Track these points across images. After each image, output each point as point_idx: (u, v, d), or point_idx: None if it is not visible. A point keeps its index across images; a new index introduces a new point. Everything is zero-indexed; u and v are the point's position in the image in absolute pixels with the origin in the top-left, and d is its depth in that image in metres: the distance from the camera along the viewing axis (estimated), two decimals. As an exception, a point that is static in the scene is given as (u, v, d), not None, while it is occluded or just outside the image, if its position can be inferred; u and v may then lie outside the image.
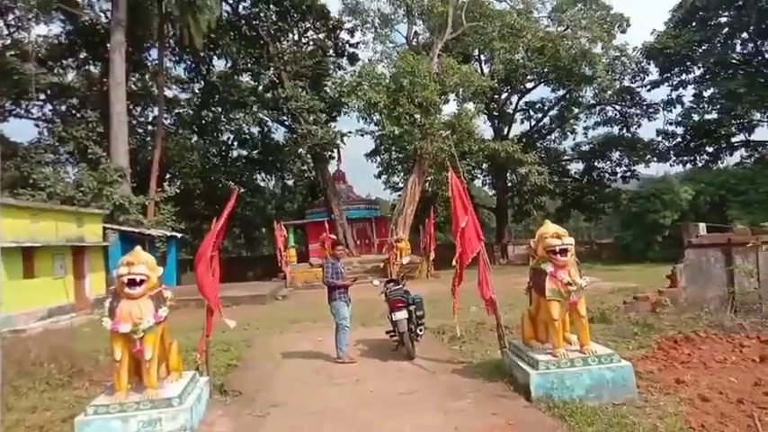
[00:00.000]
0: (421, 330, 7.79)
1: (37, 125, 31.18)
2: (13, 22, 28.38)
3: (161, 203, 25.12)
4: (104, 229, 17.65)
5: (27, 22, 26.79)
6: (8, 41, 28.12)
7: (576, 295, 5.49)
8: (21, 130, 75.23)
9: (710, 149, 35.00)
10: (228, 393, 6.39)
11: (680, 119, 33.60)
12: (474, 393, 5.74)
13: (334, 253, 8.14)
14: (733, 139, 34.51)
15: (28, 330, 11.79)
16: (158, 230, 22.00)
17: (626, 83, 34.56)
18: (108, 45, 25.40)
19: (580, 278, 5.55)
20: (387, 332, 8.08)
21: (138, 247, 5.51)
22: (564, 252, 5.50)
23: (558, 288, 5.44)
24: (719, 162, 34.76)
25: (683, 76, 33.63)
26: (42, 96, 30.37)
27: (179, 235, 23.66)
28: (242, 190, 39.70)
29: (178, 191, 26.87)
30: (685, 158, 35.09)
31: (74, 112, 30.35)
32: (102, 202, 20.40)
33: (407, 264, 9.76)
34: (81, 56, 31.51)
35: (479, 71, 32.08)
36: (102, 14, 28.44)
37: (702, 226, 26.26)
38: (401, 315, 7.41)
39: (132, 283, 5.04)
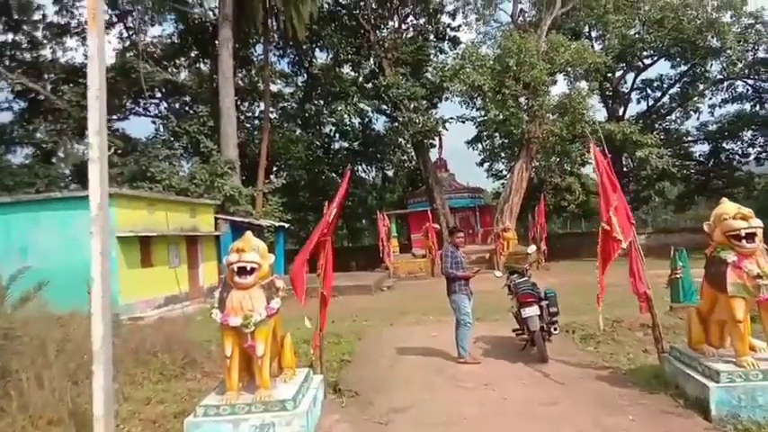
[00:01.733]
0: (555, 329, 6.88)
1: (153, 122, 33.23)
2: (132, 25, 30.14)
3: (268, 195, 25.65)
4: (216, 219, 18.08)
5: (143, 23, 28.25)
6: (127, 43, 29.92)
7: (767, 291, 4.37)
8: (140, 128, 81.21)
9: None
10: (344, 393, 5.87)
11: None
12: (634, 408, 4.76)
13: (454, 240, 7.39)
14: None
15: (145, 318, 12.11)
16: (267, 221, 22.39)
17: (761, 54, 30.74)
18: (216, 42, 26.16)
19: (772, 269, 4.42)
20: (513, 330, 7.24)
21: (249, 233, 5.10)
22: (751, 237, 4.41)
23: (744, 282, 4.36)
24: None
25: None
26: (158, 95, 32.18)
27: (286, 225, 23.99)
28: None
29: (284, 182, 27.31)
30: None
31: (186, 108, 31.87)
32: (213, 193, 21.03)
33: (534, 252, 8.63)
34: (192, 54, 33.04)
35: (591, 48, 29.82)
36: (210, 12, 29.41)
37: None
38: (532, 311, 6.55)
39: (243, 271, 4.60)
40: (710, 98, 34.12)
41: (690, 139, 35.74)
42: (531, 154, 26.27)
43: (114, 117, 32.32)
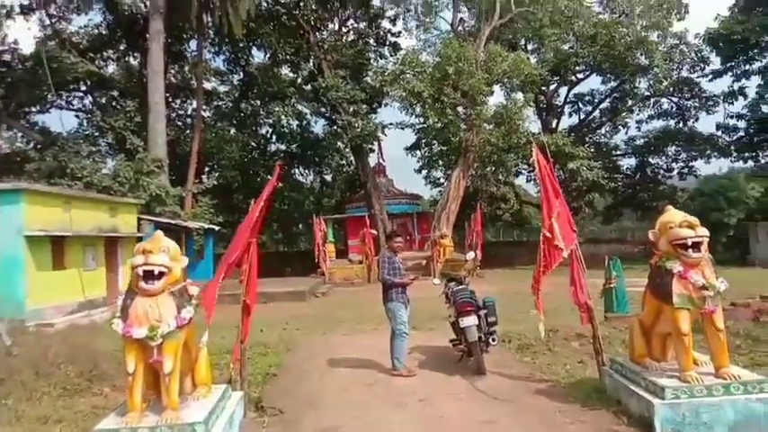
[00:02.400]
0: (494, 340, 6.56)
1: (77, 116, 31.29)
2: (54, 12, 28.27)
3: (199, 196, 24.56)
4: (139, 219, 16.99)
5: (68, 11, 26.56)
6: (49, 32, 28.02)
7: (713, 303, 4.22)
8: (60, 121, 76.02)
9: (774, 145, 32.64)
10: (267, 412, 5.33)
11: (745, 111, 31.31)
12: (575, 426, 4.50)
13: (392, 245, 6.97)
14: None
15: (56, 325, 11.06)
16: (196, 223, 21.35)
17: (684, 73, 32.45)
18: (147, 35, 24.88)
19: (717, 280, 4.28)
20: (451, 341, 6.90)
21: (159, 232, 4.51)
22: (697, 246, 4.24)
23: (690, 293, 4.19)
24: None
25: (748, 66, 31.36)
26: (83, 87, 30.32)
27: (216, 228, 22.96)
28: (280, 185, 39.22)
29: (216, 183, 26.26)
30: (746, 155, 32.84)
31: (113, 103, 30.18)
32: (138, 192, 19.86)
33: (472, 259, 8.26)
34: (121, 47, 31.39)
35: (528, 60, 30.49)
36: (141, 4, 28.00)
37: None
38: (470, 321, 6.22)
39: (150, 275, 4.02)
40: (638, 114, 35.72)
41: (618, 152, 37.20)
42: (468, 162, 26.44)
43: (33, 109, 30.29)
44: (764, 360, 6.54)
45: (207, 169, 32.85)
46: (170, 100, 35.20)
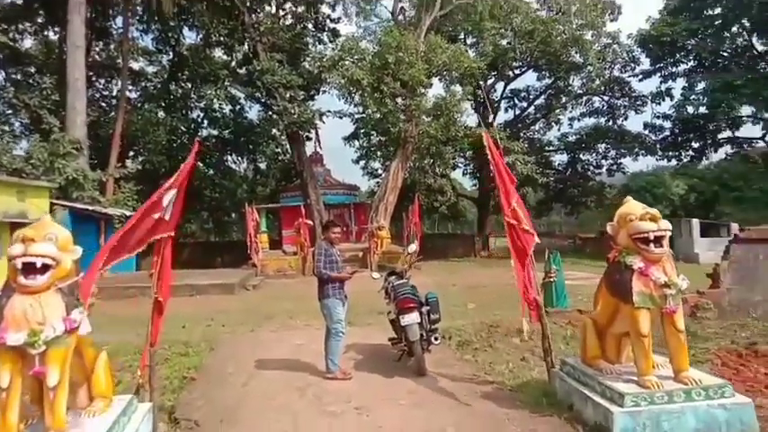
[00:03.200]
0: (436, 339, 6.07)
1: (-13, 93, 28.62)
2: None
3: (122, 181, 22.98)
4: (52, 205, 15.55)
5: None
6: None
7: (674, 302, 3.92)
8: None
9: (696, 145, 34.32)
10: (181, 424, 4.67)
11: (672, 112, 32.72)
12: (527, 436, 4.14)
13: (329, 236, 6.33)
14: (719, 136, 33.80)
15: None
16: (117, 210, 19.90)
17: (616, 72, 33.47)
18: (67, 7, 22.94)
19: (678, 277, 3.98)
20: (390, 339, 6.42)
21: (47, 217, 3.76)
22: (659, 241, 3.94)
23: (651, 291, 3.88)
24: (704, 158, 34.23)
25: (674, 69, 32.77)
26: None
27: (139, 216, 21.53)
28: (211, 172, 37.63)
29: (140, 167, 24.67)
30: (670, 153, 34.38)
31: (30, 80, 27.85)
32: (53, 176, 18.28)
33: (414, 252, 7.58)
34: (39, 20, 29.00)
35: (467, 53, 30.50)
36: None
37: (696, 222, 25.61)
38: (412, 319, 5.75)
39: (31, 268, 3.29)
40: (570, 111, 36.61)
41: (551, 148, 38.02)
42: (406, 154, 26.14)
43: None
44: (704, 357, 6.45)
45: (132, 154, 31.02)
46: (93, 79, 33.08)
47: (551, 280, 9.01)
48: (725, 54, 31.02)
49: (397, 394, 5.14)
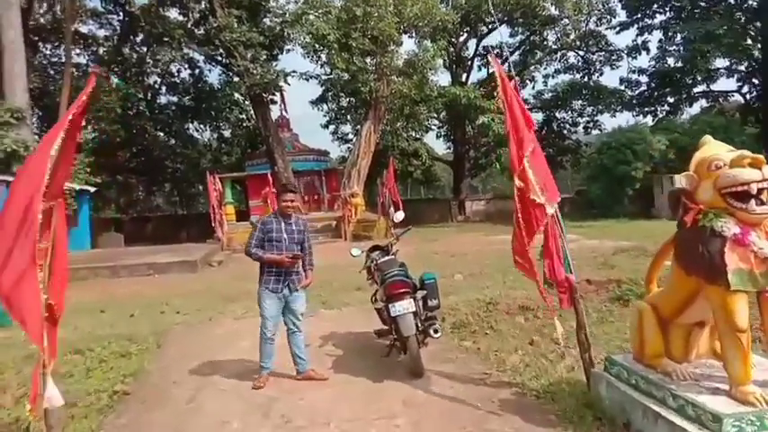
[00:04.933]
0: (436, 332, 4.73)
1: None
2: None
3: (71, 153, 21.10)
4: (-19, 180, 13.87)
5: None
6: None
7: (776, 280, 2.79)
8: None
9: (671, 100, 33.62)
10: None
11: (649, 65, 31.91)
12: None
13: (280, 206, 4.84)
14: (694, 90, 33.14)
15: None
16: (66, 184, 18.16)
17: (591, 25, 32.28)
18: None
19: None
20: (376, 331, 5.26)
21: None
22: (761, 196, 2.78)
23: (752, 268, 2.74)
24: (679, 113, 33.61)
25: (651, 21, 31.73)
26: None
27: (92, 189, 19.86)
28: (172, 141, 35.69)
29: (89, 137, 22.75)
30: (647, 109, 33.64)
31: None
32: (-10, 148, 16.52)
33: (400, 221, 5.91)
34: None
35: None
36: None
37: (678, 178, 24.97)
38: (405, 307, 4.53)
39: None
40: (545, 68, 35.48)
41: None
42: (379, 115, 24.75)
43: None
44: None
45: (83, 123, 28.88)
46: (42, 46, 30.64)
47: (553, 246, 7.93)
48: (702, 4, 30.01)
49: (391, 408, 3.95)
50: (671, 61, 31.30)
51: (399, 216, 6.08)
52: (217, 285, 11.03)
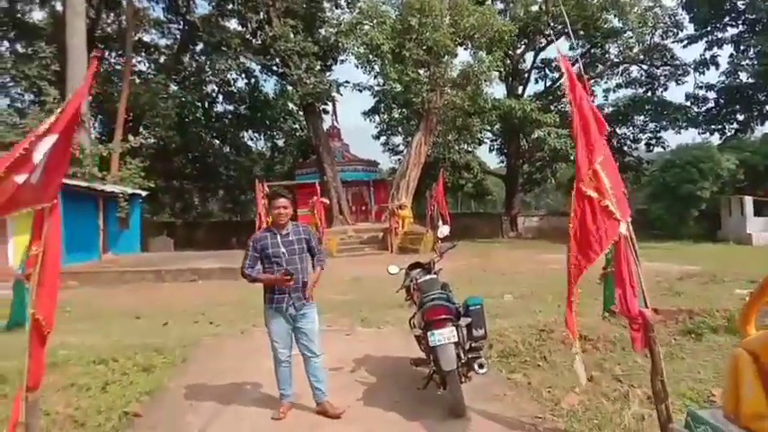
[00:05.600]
0: (482, 367, 4.07)
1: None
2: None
3: (128, 157, 21.58)
4: (37, 181, 14.12)
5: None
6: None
7: None
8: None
9: (741, 117, 31.71)
10: None
11: (719, 81, 30.21)
12: None
13: (275, 216, 4.26)
14: (767, 107, 31.09)
15: None
16: (117, 187, 18.51)
17: (656, 38, 30.83)
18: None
19: None
20: (412, 361, 4.68)
21: None
22: None
23: None
24: (749, 132, 31.60)
25: (721, 34, 30.10)
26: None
27: (143, 193, 20.16)
28: (226, 149, 36.32)
29: (145, 142, 23.22)
30: (713, 127, 31.83)
31: (30, 51, 26.61)
32: (47, 150, 16.94)
33: (445, 237, 5.15)
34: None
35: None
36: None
37: (749, 200, 23.30)
38: (445, 337, 3.98)
39: None
40: (606, 82, 34.17)
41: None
42: (430, 126, 24.26)
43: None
44: None
45: (142, 130, 29.72)
46: (107, 54, 31.76)
47: (614, 271, 7.18)
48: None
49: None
50: (742, 77, 29.48)
51: (444, 231, 5.47)
52: (254, 294, 10.70)
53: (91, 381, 5.04)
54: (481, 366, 4.04)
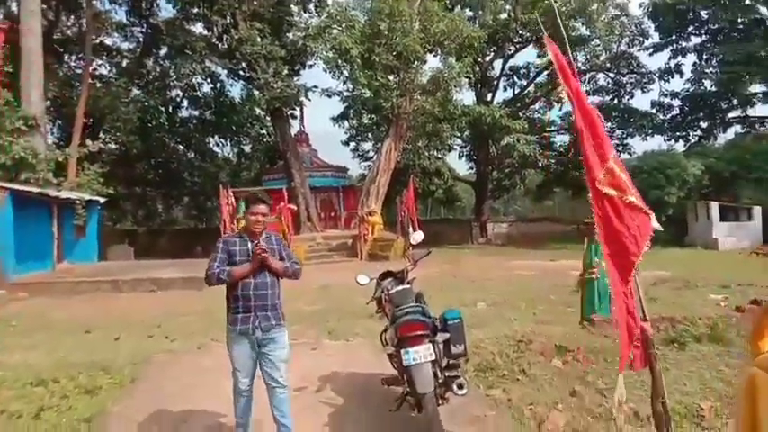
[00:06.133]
0: (461, 388, 3.67)
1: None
2: None
3: (86, 163, 20.66)
4: (-17, 187, 13.31)
5: None
6: None
7: None
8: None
9: (704, 125, 32.42)
10: None
11: (683, 88, 30.87)
12: None
13: (251, 222, 3.75)
14: (729, 115, 31.87)
15: None
16: (72, 193, 17.65)
17: (623, 47, 31.28)
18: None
19: None
20: (384, 380, 4.27)
21: None
22: None
23: None
24: (713, 138, 32.36)
25: (686, 43, 30.75)
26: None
27: (101, 200, 19.30)
28: (191, 155, 35.41)
29: (102, 146, 22.32)
30: (678, 134, 32.48)
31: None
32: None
33: (419, 243, 4.74)
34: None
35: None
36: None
37: (715, 205, 23.65)
38: (421, 355, 3.56)
39: None
40: (573, 89, 34.39)
41: (552, 128, 35.95)
42: (400, 132, 23.98)
43: None
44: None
45: (103, 136, 28.66)
46: (67, 57, 30.58)
47: (594, 277, 6.93)
48: (741, 27, 28.89)
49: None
50: (706, 84, 30.13)
51: (418, 237, 5.08)
52: (218, 305, 10.14)
53: (24, 406, 4.51)
54: (461, 387, 3.65)
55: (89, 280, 13.73)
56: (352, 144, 34.86)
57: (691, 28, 29.44)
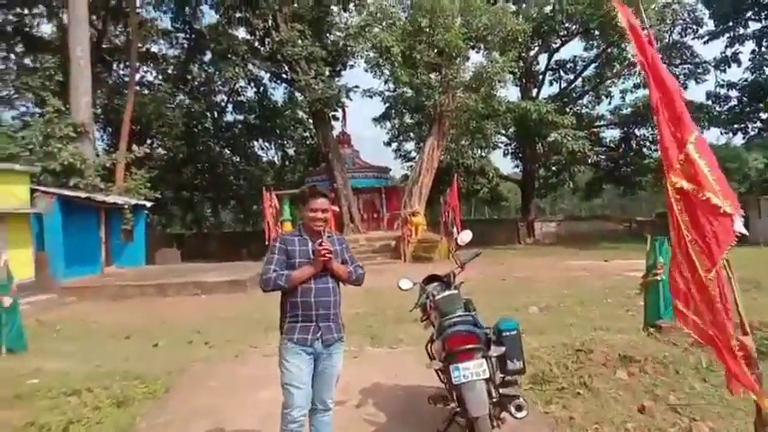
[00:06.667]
0: (519, 409, 3.27)
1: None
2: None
3: (133, 168, 21.04)
4: (33, 192, 13.56)
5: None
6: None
7: None
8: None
9: (765, 116, 30.59)
10: None
11: (742, 78, 29.20)
12: None
13: (310, 219, 3.31)
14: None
15: None
16: (119, 198, 17.93)
17: (675, 36, 29.90)
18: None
19: None
20: (430, 399, 3.77)
21: None
22: None
23: None
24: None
25: (743, 30, 29.08)
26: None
27: (148, 204, 19.57)
28: (236, 159, 35.88)
29: (148, 151, 22.71)
30: (736, 126, 30.77)
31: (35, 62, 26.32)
32: (50, 161, 16.49)
33: (466, 244, 4.25)
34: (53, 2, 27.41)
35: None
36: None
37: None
38: (473, 372, 3.14)
39: None
40: (623, 83, 33.16)
41: (602, 123, 34.68)
42: (443, 130, 23.50)
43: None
44: None
45: (150, 141, 29.24)
46: (115, 66, 31.41)
47: (658, 278, 6.32)
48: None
49: None
50: (767, 73, 28.42)
51: (466, 237, 4.55)
52: (262, 308, 9.96)
53: (54, 418, 4.31)
54: (519, 409, 3.21)
55: (135, 284, 13.85)
56: (395, 144, 34.69)
57: (749, 13, 27.81)
